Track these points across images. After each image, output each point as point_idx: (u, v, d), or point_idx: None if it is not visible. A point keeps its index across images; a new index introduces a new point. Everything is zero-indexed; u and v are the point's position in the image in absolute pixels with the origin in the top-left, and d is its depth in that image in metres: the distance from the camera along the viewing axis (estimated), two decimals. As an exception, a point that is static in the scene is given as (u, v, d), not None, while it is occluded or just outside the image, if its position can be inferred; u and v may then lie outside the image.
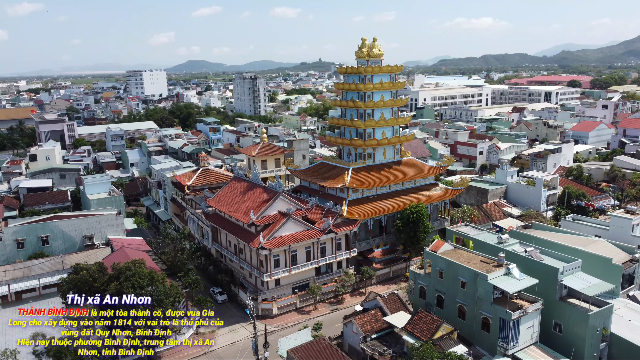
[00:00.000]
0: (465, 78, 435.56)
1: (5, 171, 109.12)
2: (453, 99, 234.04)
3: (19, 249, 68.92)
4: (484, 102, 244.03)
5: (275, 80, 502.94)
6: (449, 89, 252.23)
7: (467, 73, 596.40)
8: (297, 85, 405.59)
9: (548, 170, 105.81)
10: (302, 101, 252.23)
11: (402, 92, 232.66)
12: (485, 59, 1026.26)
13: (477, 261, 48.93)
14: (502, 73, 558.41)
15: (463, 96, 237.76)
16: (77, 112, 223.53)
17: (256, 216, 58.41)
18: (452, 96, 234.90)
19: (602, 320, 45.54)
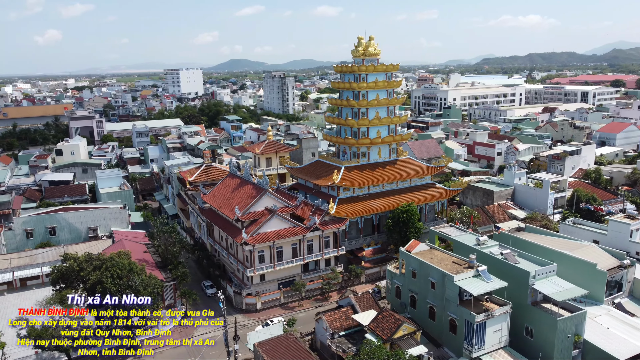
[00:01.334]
0: (506, 77, 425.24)
1: (33, 165, 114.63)
2: (484, 98, 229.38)
3: (28, 238, 72.66)
4: (517, 102, 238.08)
5: (312, 79, 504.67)
6: (480, 88, 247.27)
7: (509, 72, 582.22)
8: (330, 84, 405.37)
9: (566, 173, 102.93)
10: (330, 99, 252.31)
11: (430, 91, 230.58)
12: (531, 58, 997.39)
13: (450, 262, 48.54)
14: (545, 72, 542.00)
15: (495, 96, 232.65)
16: (112, 109, 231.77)
17: (242, 212, 59.63)
18: (483, 96, 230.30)
19: (574, 327, 44.38)
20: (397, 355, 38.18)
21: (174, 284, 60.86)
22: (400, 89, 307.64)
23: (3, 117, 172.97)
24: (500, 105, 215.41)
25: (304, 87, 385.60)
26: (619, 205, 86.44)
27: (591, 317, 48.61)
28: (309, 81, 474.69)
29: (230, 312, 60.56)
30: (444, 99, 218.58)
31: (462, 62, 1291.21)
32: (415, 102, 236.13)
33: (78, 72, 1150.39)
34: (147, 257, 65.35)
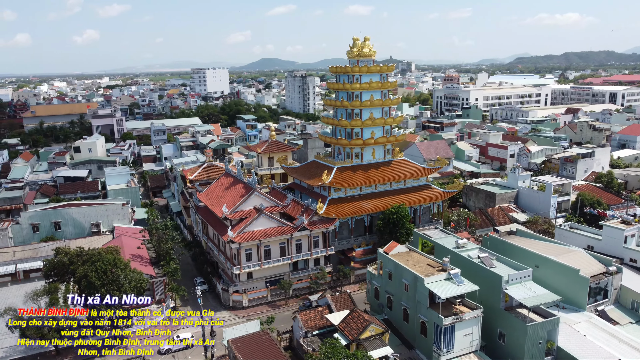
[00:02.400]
0: (537, 77, 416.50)
1: (51, 161, 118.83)
2: (508, 99, 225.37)
3: (34, 232, 75.63)
4: (542, 102, 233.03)
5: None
6: (504, 88, 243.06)
7: (543, 71, 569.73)
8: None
9: (578, 176, 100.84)
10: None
11: (452, 91, 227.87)
12: (567, 57, 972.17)
13: (425, 264, 48.44)
14: (579, 72, 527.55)
15: (519, 96, 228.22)
16: (138, 108, 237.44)
17: (230, 211, 60.74)
18: (506, 96, 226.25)
19: (546, 333, 43.72)
20: (354, 356, 38.43)
21: (164, 279, 62.54)
22: (426, 89, 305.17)
23: (31, 114, 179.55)
24: (523, 106, 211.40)
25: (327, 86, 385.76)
26: (629, 210, 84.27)
27: (570, 323, 47.87)
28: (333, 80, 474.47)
29: (217, 308, 62.11)
30: (466, 99, 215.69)
31: (495, 61, 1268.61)
32: (438, 102, 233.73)
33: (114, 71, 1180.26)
34: (142, 252, 67.27)
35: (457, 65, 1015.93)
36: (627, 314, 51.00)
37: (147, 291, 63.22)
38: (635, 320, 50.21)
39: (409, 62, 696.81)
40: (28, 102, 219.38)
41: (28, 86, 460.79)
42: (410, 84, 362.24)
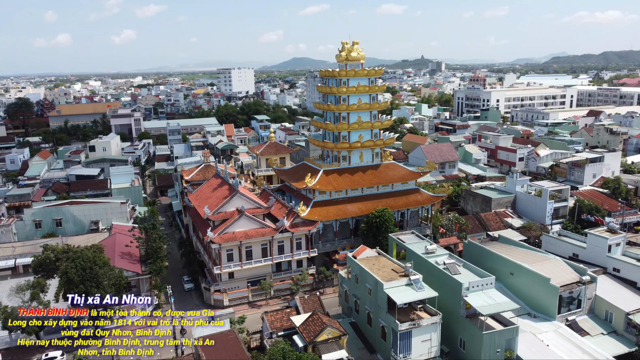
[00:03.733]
0: (569, 77, 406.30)
1: (66, 159, 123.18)
2: (531, 100, 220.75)
3: (37, 228, 78.85)
4: (567, 104, 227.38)
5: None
6: (528, 89, 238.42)
7: (578, 71, 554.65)
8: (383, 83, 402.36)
9: (586, 181, 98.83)
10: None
11: (473, 92, 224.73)
12: (605, 56, 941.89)
13: (390, 269, 48.75)
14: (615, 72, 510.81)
15: (542, 97, 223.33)
16: (162, 107, 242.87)
17: (212, 212, 62.21)
18: (529, 97, 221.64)
19: (503, 341, 43.45)
20: (300, 359, 39.14)
21: (149, 277, 64.48)
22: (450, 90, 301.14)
23: (57, 114, 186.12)
24: (546, 108, 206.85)
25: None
26: (632, 217, 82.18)
27: (536, 333, 47.43)
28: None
29: (200, 307, 63.64)
30: (487, 100, 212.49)
31: (530, 60, 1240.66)
32: (458, 103, 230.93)
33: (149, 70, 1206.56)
34: (133, 250, 69.33)
35: (491, 64, 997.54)
36: (600, 325, 50.11)
37: (133, 288, 65.70)
38: (607, 332, 49.31)
39: (439, 61, 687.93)
40: (55, 101, 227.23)
41: (64, 85, 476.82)
42: (437, 84, 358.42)
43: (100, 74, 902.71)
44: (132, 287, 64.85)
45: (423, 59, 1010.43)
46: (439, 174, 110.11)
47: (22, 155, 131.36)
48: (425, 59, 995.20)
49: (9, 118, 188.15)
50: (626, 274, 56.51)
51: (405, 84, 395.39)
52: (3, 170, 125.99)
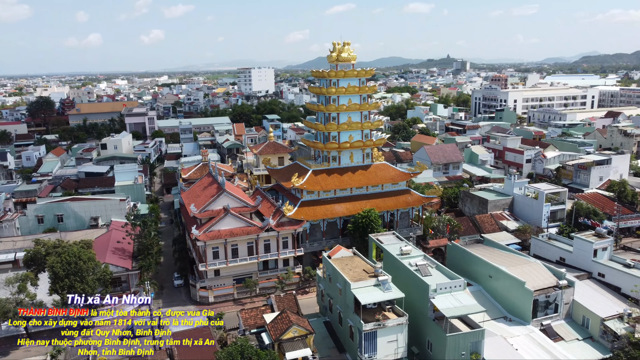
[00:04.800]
0: (597, 77, 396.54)
1: (78, 157, 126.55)
2: (549, 100, 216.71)
3: (39, 223, 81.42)
4: (588, 104, 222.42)
5: (388, 77, 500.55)
6: (547, 90, 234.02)
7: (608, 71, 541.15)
8: (404, 83, 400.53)
9: (592, 184, 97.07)
10: (390, 99, 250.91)
11: (490, 92, 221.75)
12: (638, 56, 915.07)
13: (361, 270, 49.00)
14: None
15: (562, 98, 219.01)
16: (180, 106, 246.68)
17: (199, 210, 63.38)
18: (548, 98, 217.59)
19: (468, 344, 43.27)
20: (258, 355, 39.77)
21: (138, 272, 66.08)
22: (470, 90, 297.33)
23: (76, 112, 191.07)
24: (565, 109, 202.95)
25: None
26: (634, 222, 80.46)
27: (508, 336, 47.09)
28: (383, 79, 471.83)
29: (186, 303, 64.98)
30: (504, 100, 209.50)
31: (560, 59, 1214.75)
32: (476, 103, 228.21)
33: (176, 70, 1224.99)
34: (126, 246, 71.09)
35: (519, 64, 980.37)
36: (576, 330, 49.39)
37: (124, 283, 67.47)
38: (582, 337, 48.58)
39: (464, 61, 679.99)
40: (77, 100, 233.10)
41: (91, 84, 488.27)
42: (458, 84, 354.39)
43: (129, 73, 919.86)
44: (123, 282, 66.71)
45: (449, 58, 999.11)
46: (442, 175, 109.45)
47: (38, 153, 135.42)
48: (451, 59, 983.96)
49: (30, 116, 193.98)
50: (611, 279, 55.57)
51: (426, 83, 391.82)
52: (19, 167, 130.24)
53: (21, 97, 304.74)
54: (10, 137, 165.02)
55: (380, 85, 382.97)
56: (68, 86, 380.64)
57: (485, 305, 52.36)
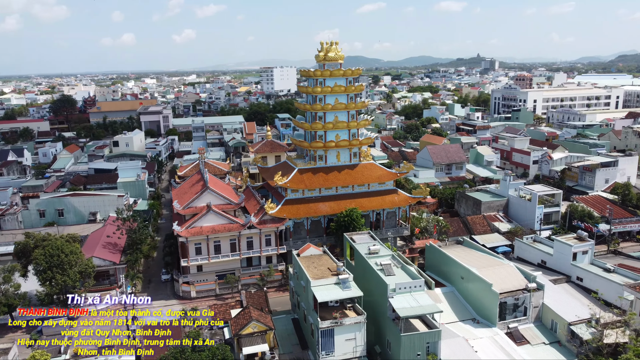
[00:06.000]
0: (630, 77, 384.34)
1: (90, 154, 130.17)
2: (571, 101, 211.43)
3: (40, 217, 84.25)
4: (612, 105, 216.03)
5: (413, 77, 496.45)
6: (568, 90, 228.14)
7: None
8: (429, 82, 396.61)
9: (597, 186, 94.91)
10: (408, 99, 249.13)
11: (510, 92, 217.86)
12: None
13: (326, 268, 49.34)
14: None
15: (584, 98, 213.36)
16: (199, 105, 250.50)
17: (182, 207, 64.76)
18: (570, 98, 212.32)
19: (424, 345, 43.13)
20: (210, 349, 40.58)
21: (125, 266, 67.85)
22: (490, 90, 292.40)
23: (97, 110, 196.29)
24: (588, 109, 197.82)
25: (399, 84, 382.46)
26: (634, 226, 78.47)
27: (471, 338, 46.78)
28: (408, 79, 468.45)
29: (170, 297, 66.45)
30: (523, 100, 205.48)
31: (596, 58, 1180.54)
32: (495, 103, 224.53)
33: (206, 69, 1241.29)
34: (118, 241, 72.94)
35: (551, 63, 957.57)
36: (544, 334, 48.64)
37: (112, 277, 69.36)
38: (549, 341, 47.81)
39: (493, 60, 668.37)
40: (102, 98, 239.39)
41: (121, 83, 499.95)
42: (482, 84, 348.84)
43: (160, 72, 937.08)
44: (111, 275, 68.59)
45: (478, 57, 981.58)
46: (445, 176, 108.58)
47: (55, 149, 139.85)
48: (481, 57, 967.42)
49: (53, 114, 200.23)
50: (588, 283, 54.57)
51: (450, 83, 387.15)
52: (36, 163, 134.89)
53: (52, 95, 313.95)
54: (32, 134, 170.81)
55: (402, 85, 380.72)
56: (94, 85, 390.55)
57: (456, 307, 52.55)
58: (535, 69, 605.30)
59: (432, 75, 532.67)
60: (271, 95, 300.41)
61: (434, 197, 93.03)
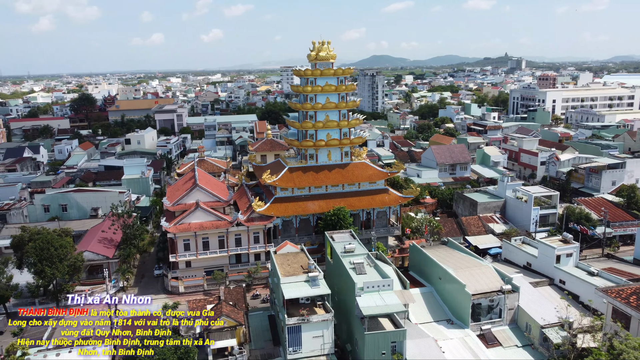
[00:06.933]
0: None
1: (103, 151, 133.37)
2: (592, 101, 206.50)
3: (45, 212, 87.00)
4: (636, 105, 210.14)
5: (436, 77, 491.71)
6: (589, 89, 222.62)
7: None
8: (450, 82, 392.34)
9: (603, 189, 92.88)
10: (425, 99, 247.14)
11: (528, 92, 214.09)
12: None
13: (299, 266, 49.77)
14: None
15: (606, 98, 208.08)
16: (218, 104, 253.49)
17: (172, 203, 66.03)
18: (591, 98, 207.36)
19: (388, 344, 43.13)
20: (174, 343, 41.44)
21: (118, 261, 69.54)
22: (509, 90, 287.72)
23: (116, 108, 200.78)
24: (609, 110, 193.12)
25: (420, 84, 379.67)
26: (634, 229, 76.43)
27: (441, 338, 46.57)
28: (431, 78, 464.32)
29: (159, 292, 67.84)
30: (542, 100, 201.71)
31: (630, 58, 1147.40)
32: (513, 103, 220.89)
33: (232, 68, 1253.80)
34: (113, 236, 74.78)
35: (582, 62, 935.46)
36: (518, 336, 48.00)
37: (105, 270, 71.03)
38: (522, 344, 47.16)
39: (519, 59, 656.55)
40: (123, 97, 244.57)
41: (146, 82, 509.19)
42: (504, 83, 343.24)
43: (186, 71, 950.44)
44: (104, 269, 70.27)
45: (506, 57, 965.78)
46: (449, 176, 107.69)
47: (70, 146, 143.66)
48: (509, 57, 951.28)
49: (74, 112, 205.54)
50: (570, 287, 53.63)
51: (472, 82, 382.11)
52: (51, 160, 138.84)
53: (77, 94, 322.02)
54: (52, 131, 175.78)
55: (424, 84, 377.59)
56: (117, 84, 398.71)
57: (432, 307, 52.35)
58: (564, 68, 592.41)
59: (456, 75, 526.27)
60: (290, 95, 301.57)
61: (433, 198, 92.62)
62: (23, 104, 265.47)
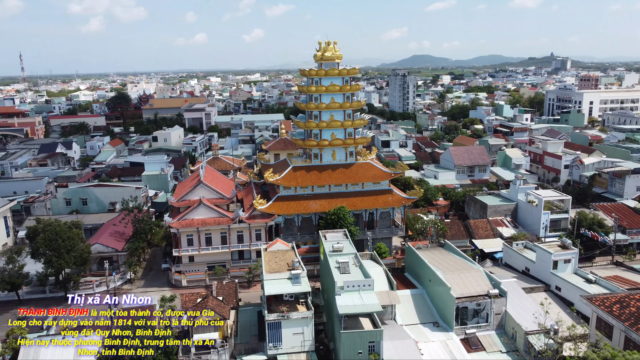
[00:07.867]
0: None
1: (131, 148, 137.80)
2: (633, 103, 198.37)
3: (67, 205, 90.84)
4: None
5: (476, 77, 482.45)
6: (630, 91, 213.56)
7: None
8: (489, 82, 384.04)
9: (627, 194, 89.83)
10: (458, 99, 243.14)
11: (565, 93, 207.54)
12: None
13: (285, 263, 50.42)
14: None
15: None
16: (250, 103, 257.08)
17: (177, 199, 67.90)
18: (631, 100, 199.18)
19: (365, 344, 43.18)
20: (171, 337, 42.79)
21: (126, 254, 72.00)
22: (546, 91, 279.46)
23: (149, 107, 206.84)
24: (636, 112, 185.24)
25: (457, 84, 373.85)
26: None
27: (423, 340, 46.32)
28: (469, 78, 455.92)
29: (163, 285, 69.87)
30: (579, 102, 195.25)
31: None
32: (549, 104, 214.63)
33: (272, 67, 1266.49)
34: (125, 229, 77.28)
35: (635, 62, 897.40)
36: (504, 342, 47.07)
37: (115, 262, 73.70)
38: (506, 350, 46.28)
39: (564, 59, 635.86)
40: (159, 95, 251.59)
41: (186, 81, 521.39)
42: (544, 84, 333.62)
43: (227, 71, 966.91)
44: (114, 261, 72.94)
45: (552, 56, 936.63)
46: (467, 178, 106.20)
47: (101, 143, 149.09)
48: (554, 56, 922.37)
49: (110, 110, 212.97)
50: (565, 294, 52.29)
51: (511, 83, 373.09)
52: (83, 155, 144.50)
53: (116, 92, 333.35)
54: (88, 128, 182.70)
55: (460, 84, 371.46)
56: (156, 82, 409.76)
57: (421, 309, 52.07)
58: (613, 68, 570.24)
59: (497, 75, 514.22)
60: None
61: (446, 200, 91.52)
62: (66, 101, 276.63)
